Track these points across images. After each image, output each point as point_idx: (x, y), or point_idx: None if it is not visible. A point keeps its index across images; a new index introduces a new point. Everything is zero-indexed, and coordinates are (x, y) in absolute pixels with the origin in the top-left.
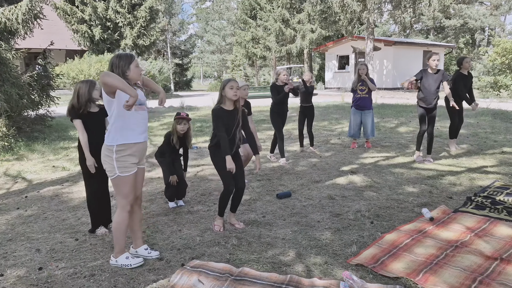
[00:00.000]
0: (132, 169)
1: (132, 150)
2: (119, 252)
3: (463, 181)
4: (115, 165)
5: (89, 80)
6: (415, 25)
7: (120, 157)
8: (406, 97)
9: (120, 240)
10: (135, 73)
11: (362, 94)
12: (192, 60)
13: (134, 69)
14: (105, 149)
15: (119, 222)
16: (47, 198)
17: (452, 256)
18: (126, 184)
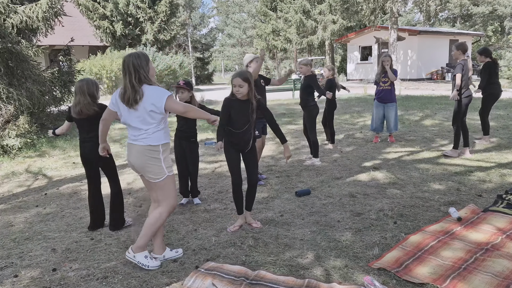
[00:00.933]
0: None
1: (169, 148)
2: (139, 248)
3: (493, 178)
4: (163, 165)
5: (89, 78)
6: (440, 14)
7: (166, 156)
8: (431, 88)
9: (147, 237)
10: (153, 70)
11: (384, 86)
12: (213, 53)
13: (152, 68)
14: (148, 152)
15: (158, 219)
16: (66, 196)
17: (483, 260)
18: (173, 182)
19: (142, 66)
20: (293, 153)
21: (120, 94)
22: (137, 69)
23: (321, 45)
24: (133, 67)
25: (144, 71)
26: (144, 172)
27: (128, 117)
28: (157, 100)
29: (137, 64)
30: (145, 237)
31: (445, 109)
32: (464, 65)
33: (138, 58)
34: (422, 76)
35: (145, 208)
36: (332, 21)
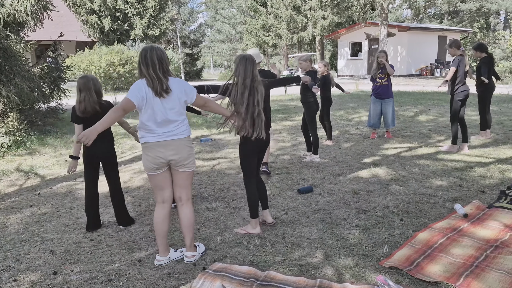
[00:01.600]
0: None
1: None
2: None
3: (494, 173)
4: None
5: (92, 75)
6: (428, 10)
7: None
8: (421, 84)
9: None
10: None
11: (381, 82)
12: (202, 49)
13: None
14: (188, 142)
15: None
16: (61, 195)
17: (494, 258)
18: None
19: (164, 59)
20: (291, 150)
21: (149, 86)
22: (161, 61)
23: (311, 41)
24: (158, 59)
25: (166, 64)
26: (184, 164)
27: (162, 110)
28: (189, 90)
29: (161, 57)
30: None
31: (438, 105)
32: (461, 60)
33: (160, 51)
34: (412, 72)
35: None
36: (323, 17)
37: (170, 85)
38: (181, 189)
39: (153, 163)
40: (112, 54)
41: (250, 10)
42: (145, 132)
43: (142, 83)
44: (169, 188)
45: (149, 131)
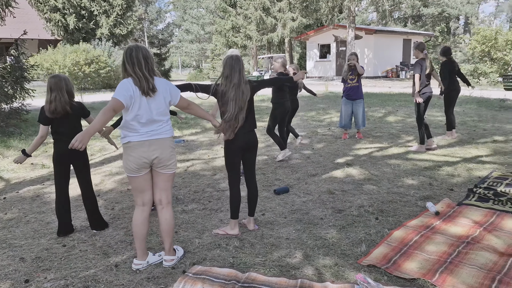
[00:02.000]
0: None
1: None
2: (170, 250)
3: (461, 172)
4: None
5: (63, 75)
6: (393, 14)
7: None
8: (387, 85)
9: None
10: None
11: (352, 84)
12: (170, 49)
13: None
14: (171, 142)
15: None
16: (28, 199)
17: (466, 254)
18: None
19: (150, 58)
20: (265, 151)
21: (136, 85)
22: (147, 60)
23: (280, 43)
24: (143, 57)
25: (152, 63)
26: (166, 165)
27: (147, 110)
28: (174, 91)
29: (146, 55)
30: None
31: (405, 106)
32: (422, 64)
33: (145, 50)
34: (378, 74)
35: None
36: (292, 19)
37: (155, 85)
38: (162, 192)
39: (135, 164)
40: (77, 53)
41: (219, 11)
42: (128, 131)
43: (129, 82)
44: (150, 191)
45: (133, 130)
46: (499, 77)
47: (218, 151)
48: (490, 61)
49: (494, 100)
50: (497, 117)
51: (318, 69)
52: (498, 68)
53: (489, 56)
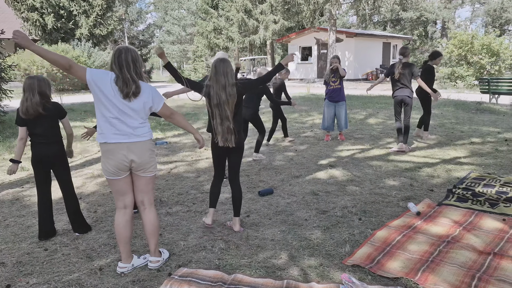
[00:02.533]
0: None
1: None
2: (155, 252)
3: (440, 173)
4: (155, 158)
5: (40, 76)
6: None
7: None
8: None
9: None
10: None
11: (334, 86)
12: (151, 50)
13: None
14: (150, 145)
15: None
16: (7, 203)
17: (446, 253)
18: None
19: (139, 61)
20: (249, 153)
21: (117, 85)
22: (135, 63)
23: (262, 45)
24: (132, 60)
25: (140, 66)
26: (145, 167)
27: (121, 109)
28: (157, 98)
29: (135, 58)
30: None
31: (386, 108)
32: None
33: (135, 52)
34: (359, 77)
35: None
36: (274, 21)
37: (141, 89)
38: (143, 194)
39: (115, 167)
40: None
41: (201, 12)
42: (105, 131)
43: (111, 77)
44: (131, 193)
45: (108, 129)
46: (475, 80)
47: (201, 153)
48: (466, 64)
49: (471, 103)
50: (474, 119)
51: (300, 71)
52: (474, 71)
53: (466, 60)
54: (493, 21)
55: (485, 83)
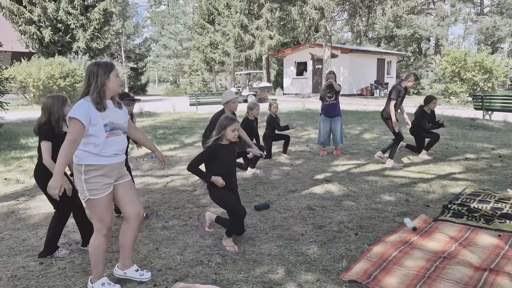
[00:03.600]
0: (106, 190)
1: (105, 170)
2: (96, 277)
3: (436, 189)
4: (84, 186)
5: (59, 95)
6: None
7: (90, 178)
8: (363, 103)
9: (98, 265)
10: (115, 83)
11: (330, 101)
12: (148, 64)
13: (114, 79)
14: (75, 166)
15: (96, 247)
16: (2, 216)
17: (443, 268)
18: (96, 207)
19: (97, 74)
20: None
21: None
22: (90, 77)
23: (258, 60)
24: (88, 74)
25: (99, 80)
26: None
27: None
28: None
29: (93, 71)
30: (95, 266)
31: (381, 123)
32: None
33: (98, 65)
34: (353, 92)
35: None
36: (269, 37)
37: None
38: (135, 203)
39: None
40: (52, 66)
41: (197, 27)
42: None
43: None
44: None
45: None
46: (469, 96)
47: None
48: (460, 81)
49: (465, 119)
50: (468, 135)
51: (295, 86)
52: (468, 88)
53: (459, 76)
54: (485, 39)
55: (478, 100)
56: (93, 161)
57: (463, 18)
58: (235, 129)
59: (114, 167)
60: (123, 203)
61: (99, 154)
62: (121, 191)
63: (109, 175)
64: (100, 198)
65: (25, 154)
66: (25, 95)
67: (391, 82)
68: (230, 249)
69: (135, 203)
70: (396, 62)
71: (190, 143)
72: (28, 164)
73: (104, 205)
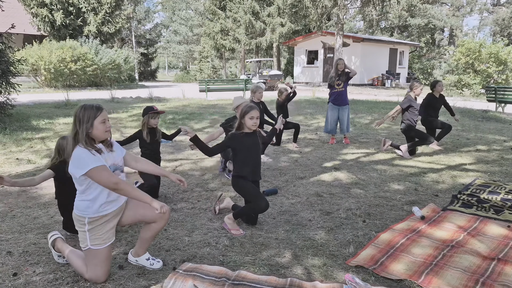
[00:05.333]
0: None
1: (108, 217)
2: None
3: (445, 179)
4: (87, 237)
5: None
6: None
7: (93, 227)
8: (373, 93)
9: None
10: (99, 130)
11: (338, 89)
12: (158, 50)
13: (98, 126)
14: (75, 216)
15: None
16: (14, 194)
17: (450, 257)
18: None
19: (82, 121)
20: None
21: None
22: (76, 123)
23: (269, 47)
24: (75, 119)
25: (83, 128)
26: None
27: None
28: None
29: (79, 117)
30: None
31: None
32: None
33: (84, 109)
34: (365, 82)
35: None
36: (281, 24)
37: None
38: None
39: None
40: (63, 49)
41: (208, 13)
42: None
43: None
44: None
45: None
46: (482, 88)
47: None
48: (473, 72)
49: (477, 110)
50: (480, 127)
51: (306, 74)
52: (481, 80)
53: (473, 68)
54: (501, 30)
55: (491, 92)
56: (97, 213)
57: (479, 9)
58: (252, 117)
59: (118, 212)
60: (143, 213)
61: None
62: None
63: (113, 220)
64: (100, 250)
65: (36, 135)
66: (36, 78)
67: (403, 72)
68: (236, 232)
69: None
70: (408, 52)
71: (200, 128)
72: (39, 145)
73: (103, 256)
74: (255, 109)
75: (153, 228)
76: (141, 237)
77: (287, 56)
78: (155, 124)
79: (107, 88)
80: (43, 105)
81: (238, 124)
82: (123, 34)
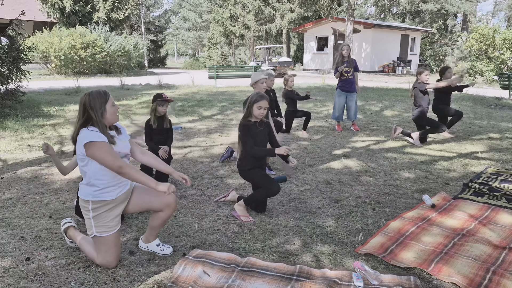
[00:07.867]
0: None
1: (114, 204)
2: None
3: (457, 167)
4: (92, 223)
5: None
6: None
7: (98, 214)
8: (384, 80)
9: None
10: (111, 114)
11: (347, 76)
12: (167, 36)
13: (110, 110)
14: (81, 202)
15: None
16: (26, 180)
17: (461, 245)
18: (103, 243)
19: (94, 108)
20: None
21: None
22: (86, 110)
23: (278, 34)
24: (83, 106)
25: (97, 114)
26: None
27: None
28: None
29: (88, 104)
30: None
31: (402, 101)
32: None
33: (91, 97)
34: (375, 69)
35: None
36: (290, 10)
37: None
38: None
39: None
40: (73, 36)
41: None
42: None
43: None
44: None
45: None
46: (495, 75)
47: (215, 139)
48: (486, 59)
49: (490, 98)
50: (492, 115)
51: (315, 61)
52: (494, 66)
53: (486, 54)
54: None
55: (505, 79)
56: (99, 197)
57: None
58: (260, 107)
59: (123, 199)
60: (149, 201)
61: (106, 188)
62: (137, 196)
63: (117, 207)
64: (107, 237)
65: (47, 122)
66: (47, 65)
67: (414, 59)
68: (245, 219)
69: (161, 196)
70: (420, 38)
71: (209, 115)
72: (50, 132)
73: (111, 243)
74: (265, 99)
75: (161, 217)
76: (150, 225)
77: (297, 42)
78: (163, 112)
79: (116, 75)
80: (53, 92)
81: (246, 111)
82: (132, 20)
